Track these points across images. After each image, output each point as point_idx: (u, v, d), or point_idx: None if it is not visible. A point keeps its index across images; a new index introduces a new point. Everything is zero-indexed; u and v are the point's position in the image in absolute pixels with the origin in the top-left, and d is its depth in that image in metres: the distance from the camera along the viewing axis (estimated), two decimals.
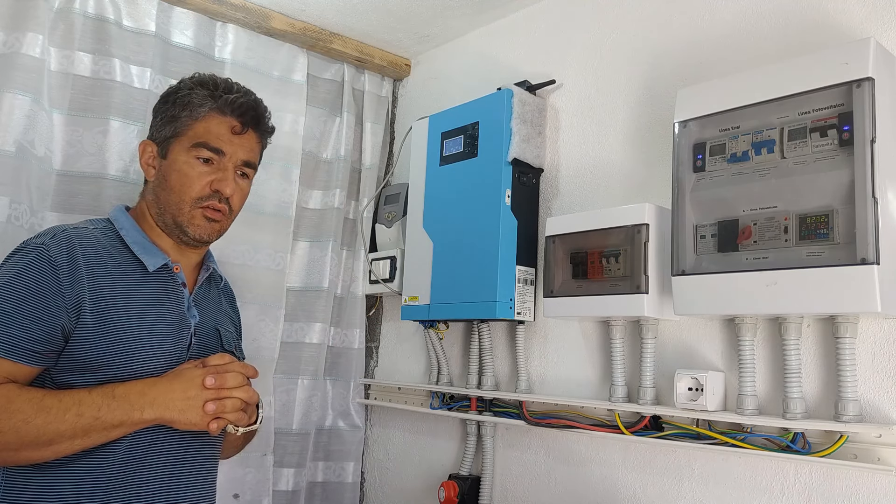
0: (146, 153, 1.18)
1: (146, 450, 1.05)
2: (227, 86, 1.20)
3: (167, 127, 1.17)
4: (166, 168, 1.16)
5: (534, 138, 1.58)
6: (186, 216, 1.15)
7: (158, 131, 1.19)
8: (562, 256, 1.38)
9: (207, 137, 1.15)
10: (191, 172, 1.15)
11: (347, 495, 1.88)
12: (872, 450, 1.04)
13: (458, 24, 1.83)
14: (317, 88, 1.90)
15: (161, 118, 1.19)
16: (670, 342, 1.33)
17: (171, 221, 1.15)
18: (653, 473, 1.32)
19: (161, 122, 1.18)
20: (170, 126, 1.17)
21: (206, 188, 1.15)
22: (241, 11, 1.72)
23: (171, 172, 1.15)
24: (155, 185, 1.17)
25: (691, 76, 1.36)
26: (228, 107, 1.17)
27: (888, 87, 1.03)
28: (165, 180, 1.15)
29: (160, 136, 1.18)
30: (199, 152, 1.15)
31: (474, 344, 1.65)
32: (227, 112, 1.17)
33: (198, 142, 1.15)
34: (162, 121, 1.18)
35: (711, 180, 1.16)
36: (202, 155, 1.15)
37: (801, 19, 1.23)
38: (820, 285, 1.01)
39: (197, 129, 1.16)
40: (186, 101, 1.17)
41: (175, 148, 1.16)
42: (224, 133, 1.17)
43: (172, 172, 1.15)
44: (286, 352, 1.80)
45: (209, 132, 1.16)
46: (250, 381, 1.12)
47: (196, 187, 1.15)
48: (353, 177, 1.96)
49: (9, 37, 1.43)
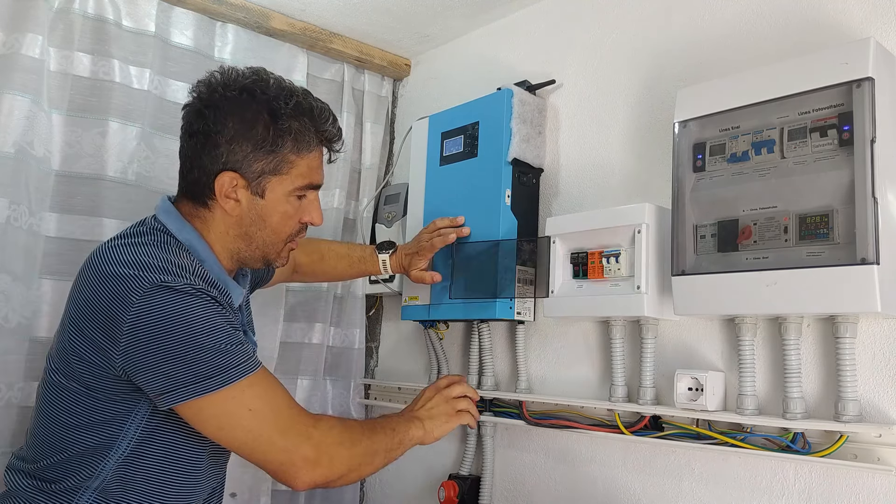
0: (228, 185, 1.05)
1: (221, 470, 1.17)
2: (322, 113, 1.09)
3: (264, 161, 1.04)
4: (265, 209, 1.07)
5: (534, 138, 1.58)
6: (277, 253, 1.12)
7: (248, 163, 1.04)
8: (562, 256, 1.38)
9: (312, 178, 1.09)
10: (292, 213, 1.10)
11: (347, 495, 1.88)
12: (872, 450, 1.04)
13: (458, 24, 1.83)
14: (317, 88, 1.89)
15: (253, 148, 1.04)
16: (670, 342, 1.33)
17: (260, 257, 1.12)
18: (653, 473, 1.32)
19: (253, 153, 1.04)
20: (267, 160, 1.04)
21: (297, 223, 1.12)
22: (241, 11, 1.71)
23: (271, 214, 1.08)
24: (244, 223, 1.08)
25: (691, 76, 1.36)
26: (327, 140, 1.11)
27: (888, 87, 1.03)
28: (263, 221, 1.08)
29: (252, 171, 1.04)
30: (303, 192, 1.09)
31: (474, 344, 1.65)
32: (327, 144, 1.12)
33: (305, 184, 1.08)
34: (254, 151, 1.04)
35: (711, 180, 1.16)
36: (304, 194, 1.10)
37: (801, 19, 1.23)
38: (820, 285, 1.01)
39: (301, 168, 1.07)
40: (290, 133, 1.05)
41: (276, 187, 1.06)
42: (320, 166, 1.11)
43: (274, 214, 1.08)
44: (286, 352, 1.80)
45: (312, 170, 1.09)
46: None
47: (292, 226, 1.11)
48: (352, 177, 1.96)
49: (8, 37, 1.43)
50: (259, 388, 0.99)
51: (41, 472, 1.03)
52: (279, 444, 0.99)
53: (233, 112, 1.04)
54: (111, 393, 1.00)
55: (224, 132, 1.04)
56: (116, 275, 0.97)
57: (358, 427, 1.10)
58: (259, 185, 1.06)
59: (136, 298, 0.95)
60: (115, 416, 1.01)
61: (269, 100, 1.04)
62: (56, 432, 1.03)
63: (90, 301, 0.99)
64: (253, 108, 1.04)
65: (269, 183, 1.06)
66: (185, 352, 0.94)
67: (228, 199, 1.06)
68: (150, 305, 0.95)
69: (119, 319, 0.95)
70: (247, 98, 1.04)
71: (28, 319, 1.42)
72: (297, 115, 1.05)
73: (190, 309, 0.96)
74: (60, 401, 1.03)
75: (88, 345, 0.99)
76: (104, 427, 1.01)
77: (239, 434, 0.98)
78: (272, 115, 1.04)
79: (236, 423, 0.98)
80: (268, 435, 0.99)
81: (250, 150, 1.04)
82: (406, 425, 1.17)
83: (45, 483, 1.02)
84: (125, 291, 0.95)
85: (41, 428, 1.06)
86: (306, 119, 1.06)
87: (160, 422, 1.03)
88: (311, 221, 1.13)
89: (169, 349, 0.94)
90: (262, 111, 1.04)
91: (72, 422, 1.02)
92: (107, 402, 1.00)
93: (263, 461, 1.00)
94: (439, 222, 1.55)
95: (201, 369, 0.95)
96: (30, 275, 1.43)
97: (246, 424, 0.98)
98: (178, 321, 0.95)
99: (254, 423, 0.98)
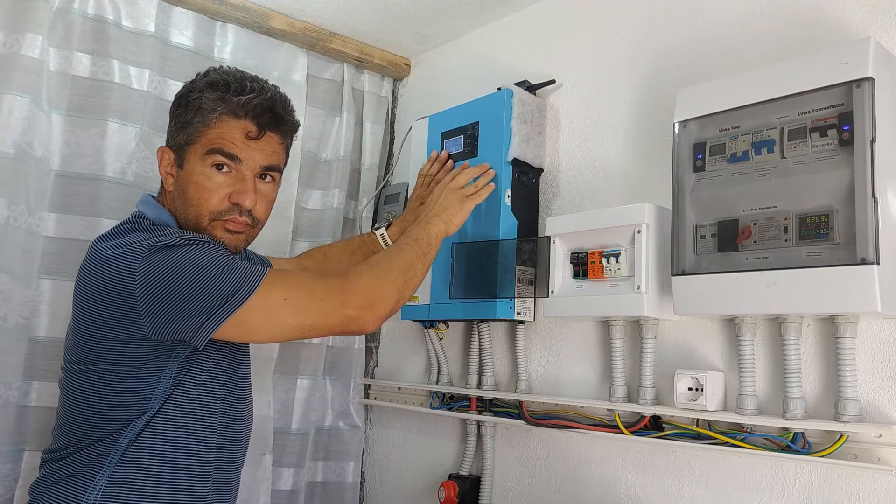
0: (164, 160, 1.14)
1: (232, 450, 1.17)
2: (239, 85, 1.11)
3: (181, 133, 1.12)
4: (184, 179, 1.11)
5: (534, 138, 1.58)
6: (206, 230, 1.11)
7: (174, 137, 1.14)
8: (562, 256, 1.38)
9: (221, 143, 1.10)
10: (208, 184, 1.10)
11: (347, 495, 1.88)
12: (872, 450, 1.04)
13: (458, 24, 1.83)
14: (316, 88, 1.90)
15: (175, 123, 1.14)
16: (670, 342, 1.33)
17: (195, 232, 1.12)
18: (653, 473, 1.32)
19: (175, 127, 1.13)
20: (183, 132, 1.12)
21: (225, 201, 1.11)
22: (241, 11, 1.71)
23: (188, 184, 1.10)
24: (175, 196, 1.13)
25: (691, 76, 1.36)
26: (241, 109, 1.10)
27: (888, 87, 1.03)
28: (184, 192, 1.11)
29: (175, 143, 1.13)
30: (213, 159, 1.09)
31: (474, 344, 1.64)
32: (241, 115, 1.10)
33: (211, 148, 1.09)
34: (176, 126, 1.13)
35: (711, 180, 1.16)
36: (217, 161, 1.10)
37: (801, 19, 1.23)
38: (820, 285, 1.01)
39: (210, 136, 1.10)
40: (198, 105, 1.10)
41: (190, 157, 1.11)
42: (238, 138, 1.10)
43: (190, 184, 1.10)
44: (285, 351, 1.79)
45: (223, 137, 1.10)
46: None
47: (213, 200, 1.10)
48: (352, 177, 1.96)
49: (8, 37, 1.43)
50: (282, 278, 1.08)
51: (70, 455, 1.06)
52: (328, 309, 1.07)
53: (173, 101, 1.16)
54: (142, 362, 1.05)
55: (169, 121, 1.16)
56: (111, 256, 1.03)
57: (384, 257, 1.18)
58: (181, 157, 1.13)
59: (137, 264, 1.00)
60: (145, 384, 1.05)
61: (191, 82, 1.14)
62: (86, 414, 1.06)
63: (97, 286, 1.04)
64: (180, 92, 1.15)
65: (186, 153, 1.12)
66: (202, 285, 1.00)
67: (167, 174, 1.15)
68: (152, 264, 1.00)
69: (131, 289, 1.00)
70: (183, 90, 1.15)
71: (27, 319, 1.42)
72: (204, 89, 1.12)
73: (190, 253, 1.02)
74: (87, 385, 1.06)
75: (110, 324, 1.03)
76: (134, 397, 1.05)
77: (291, 321, 1.05)
78: (188, 91, 1.13)
79: (282, 315, 1.04)
80: (315, 306, 1.06)
81: (173, 125, 1.15)
82: (426, 229, 1.28)
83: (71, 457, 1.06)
84: (127, 262, 1.01)
85: (68, 416, 1.09)
86: (211, 90, 1.11)
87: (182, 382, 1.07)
88: (239, 202, 1.11)
89: (186, 291, 0.99)
90: (183, 93, 1.14)
91: (103, 399, 1.05)
92: (137, 371, 1.05)
93: (327, 329, 1.08)
94: (423, 171, 1.64)
95: (222, 291, 1.00)
96: (29, 274, 1.43)
97: (290, 310, 1.05)
98: (183, 266, 1.00)
99: (296, 305, 1.05)
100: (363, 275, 1.12)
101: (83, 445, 1.05)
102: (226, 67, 1.17)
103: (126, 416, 1.05)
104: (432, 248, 1.26)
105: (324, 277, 1.12)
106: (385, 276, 1.13)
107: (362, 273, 1.12)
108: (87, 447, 1.05)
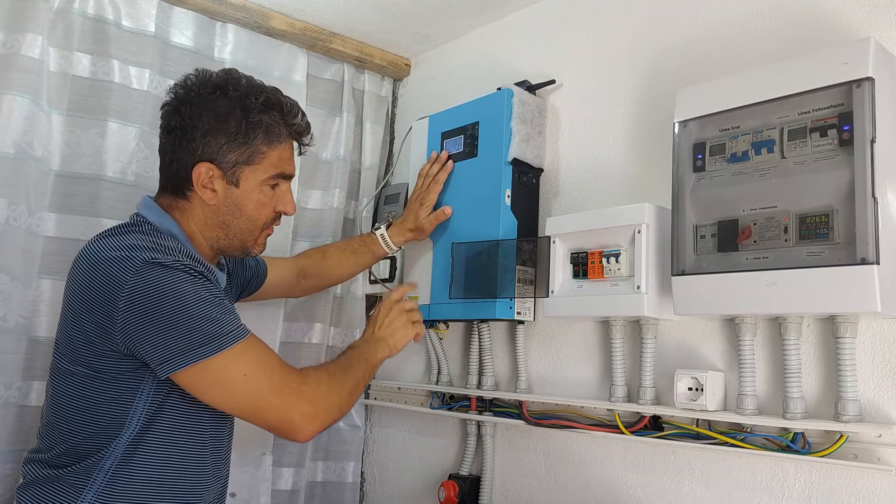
0: (204, 175, 1.12)
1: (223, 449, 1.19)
2: (291, 108, 1.18)
3: (237, 152, 1.12)
4: (240, 197, 1.15)
5: (534, 138, 1.58)
6: (253, 241, 1.19)
7: (223, 154, 1.12)
8: (562, 256, 1.38)
9: (284, 167, 1.17)
10: (266, 201, 1.17)
11: (347, 495, 1.88)
12: (872, 450, 1.04)
13: (458, 24, 1.83)
14: (316, 88, 1.90)
15: (227, 140, 1.12)
16: (670, 342, 1.33)
17: (238, 245, 1.19)
18: (653, 473, 1.32)
19: (227, 144, 1.12)
20: (240, 151, 1.12)
21: (272, 212, 1.19)
22: (241, 11, 1.71)
23: (246, 203, 1.15)
24: (221, 212, 1.15)
25: (691, 76, 1.36)
26: (297, 133, 1.19)
27: (888, 87, 1.03)
28: (239, 209, 1.15)
29: (226, 161, 1.12)
30: (275, 181, 1.17)
31: (474, 344, 1.64)
32: (295, 137, 1.19)
33: (276, 173, 1.16)
34: (228, 143, 1.12)
35: (711, 180, 1.16)
36: (278, 182, 1.17)
37: (801, 19, 1.23)
38: (820, 285, 1.01)
39: (272, 158, 1.16)
40: (261, 126, 1.13)
41: (249, 177, 1.14)
42: (291, 157, 1.19)
43: (249, 203, 1.15)
44: (286, 352, 1.79)
45: (283, 160, 1.17)
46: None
47: (266, 213, 1.18)
48: (352, 177, 1.96)
49: (8, 38, 1.43)
50: (251, 353, 1.05)
51: (55, 460, 1.07)
52: (276, 405, 1.05)
53: (207, 108, 1.12)
54: (116, 372, 1.04)
55: (199, 126, 1.11)
56: (108, 258, 1.03)
57: (338, 370, 1.16)
58: (234, 175, 1.13)
59: (129, 276, 1.00)
60: (122, 395, 1.05)
61: (240, 96, 1.13)
62: (67, 417, 1.07)
63: (86, 287, 1.04)
64: (225, 103, 1.12)
65: (243, 173, 1.14)
66: (180, 322, 1.00)
67: (205, 188, 1.13)
68: (143, 280, 1.00)
69: (115, 298, 1.00)
70: (220, 95, 1.12)
71: (27, 319, 1.42)
72: (266, 110, 1.14)
73: (181, 282, 1.02)
74: (69, 386, 1.07)
75: (90, 328, 1.03)
76: (112, 407, 1.05)
77: (239, 399, 1.05)
78: (244, 110, 1.12)
79: (235, 389, 1.04)
80: (265, 398, 1.05)
81: (224, 142, 1.12)
82: (373, 351, 1.26)
83: (58, 469, 1.06)
84: (118, 271, 1.01)
85: (53, 416, 1.09)
86: (275, 113, 1.15)
87: (165, 399, 1.07)
88: (285, 210, 1.20)
89: (164, 320, 1.00)
90: (234, 106, 1.12)
91: (81, 405, 1.06)
92: (112, 381, 1.04)
93: (265, 422, 1.07)
94: (423, 171, 1.64)
95: (195, 338, 1.00)
96: (28, 274, 1.43)
97: (243, 389, 1.04)
98: (170, 294, 1.00)
99: (250, 387, 1.04)
100: (322, 383, 1.10)
101: (71, 459, 1.05)
102: (259, 82, 1.17)
103: (107, 425, 1.04)
104: (373, 372, 1.26)
105: (286, 369, 1.08)
106: (338, 392, 1.12)
107: (321, 381, 1.11)
108: (75, 462, 1.05)
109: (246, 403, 1.05)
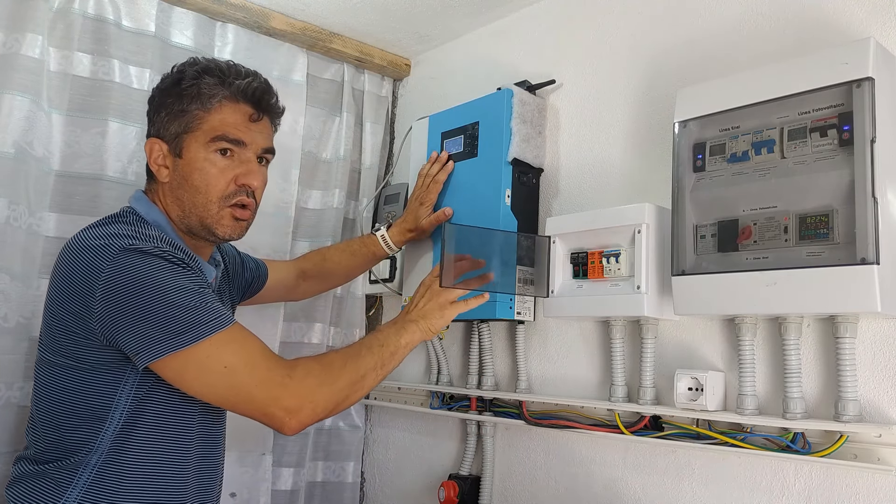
0: (155, 153, 1.13)
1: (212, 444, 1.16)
2: (234, 70, 1.13)
3: (176, 122, 1.11)
4: (185, 168, 1.11)
5: (534, 138, 1.58)
6: (214, 217, 1.12)
7: (165, 127, 1.12)
8: (562, 256, 1.38)
9: (225, 129, 1.11)
10: (213, 170, 1.11)
11: (347, 495, 1.88)
12: (872, 450, 1.04)
13: (458, 24, 1.83)
14: (316, 88, 1.90)
15: (166, 113, 1.12)
16: (670, 342, 1.33)
17: (198, 223, 1.12)
18: (653, 473, 1.32)
19: (167, 116, 1.12)
20: (179, 121, 1.11)
21: (231, 184, 1.12)
22: (241, 11, 1.71)
23: (191, 172, 1.11)
24: (174, 187, 1.12)
25: (691, 76, 1.36)
26: (241, 94, 1.12)
27: (888, 87, 1.03)
28: (186, 181, 1.11)
29: (169, 133, 1.12)
30: (218, 145, 1.11)
31: (474, 344, 1.64)
32: (241, 99, 1.12)
33: (215, 135, 1.10)
34: (168, 115, 1.12)
35: (711, 180, 1.16)
36: (222, 147, 1.11)
37: (801, 19, 1.23)
38: (820, 285, 1.01)
39: (212, 122, 1.10)
40: (195, 91, 1.10)
41: (190, 144, 1.11)
42: (241, 122, 1.12)
43: (194, 172, 1.11)
44: (286, 352, 1.79)
45: (225, 123, 1.11)
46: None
47: (220, 184, 1.11)
48: (352, 177, 1.96)
49: (8, 37, 1.43)
50: (234, 344, 1.01)
51: (41, 455, 1.06)
52: (258, 398, 1.01)
53: (157, 92, 1.16)
54: (96, 363, 1.03)
55: (151, 111, 1.16)
56: (87, 247, 1.02)
57: (339, 360, 1.10)
58: (177, 146, 1.12)
59: (106, 263, 0.99)
60: (104, 386, 1.03)
61: (178, 71, 1.14)
62: (49, 409, 1.06)
63: (66, 276, 1.03)
64: (167, 81, 1.14)
65: (185, 141, 1.11)
66: (157, 309, 0.97)
67: (159, 166, 1.13)
68: (120, 267, 0.99)
69: (93, 285, 0.99)
70: (166, 77, 1.16)
71: (27, 319, 1.42)
72: (199, 75, 1.12)
73: (159, 269, 1.00)
74: (52, 378, 1.06)
75: (70, 317, 1.02)
76: (95, 398, 1.03)
77: (220, 390, 1.01)
78: (178, 81, 1.12)
79: (215, 381, 1.00)
80: (246, 390, 1.01)
81: (164, 115, 1.12)
82: (397, 335, 1.18)
83: (45, 465, 1.05)
84: (96, 258, 1.00)
85: (38, 411, 1.08)
86: (210, 77, 1.12)
87: (150, 390, 1.05)
88: (247, 182, 1.13)
89: (141, 308, 0.97)
90: (172, 82, 1.13)
91: (63, 396, 1.04)
92: (94, 372, 1.03)
93: (249, 415, 1.04)
94: (423, 171, 1.63)
95: (172, 326, 0.97)
96: (29, 274, 1.43)
97: (224, 381, 1.00)
98: (147, 281, 0.98)
99: (231, 379, 1.00)
100: (309, 375, 1.04)
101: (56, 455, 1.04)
102: (206, 57, 1.18)
103: (90, 417, 1.03)
104: (397, 357, 1.16)
105: (271, 361, 1.04)
106: (329, 384, 1.06)
107: (310, 373, 1.05)
108: (60, 458, 1.04)
109: (227, 395, 1.02)
